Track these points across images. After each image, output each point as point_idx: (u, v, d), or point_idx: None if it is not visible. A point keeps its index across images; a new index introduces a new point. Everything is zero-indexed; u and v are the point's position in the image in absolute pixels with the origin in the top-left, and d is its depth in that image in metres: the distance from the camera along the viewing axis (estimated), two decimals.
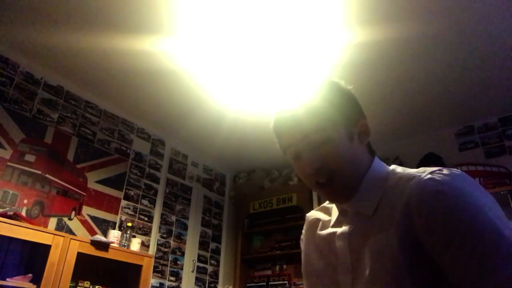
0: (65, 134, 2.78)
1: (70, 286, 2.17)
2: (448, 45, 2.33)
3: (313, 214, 0.91)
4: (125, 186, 3.09)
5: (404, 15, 2.11)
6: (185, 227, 3.51)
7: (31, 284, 2.05)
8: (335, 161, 0.72)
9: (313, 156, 0.72)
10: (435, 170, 0.66)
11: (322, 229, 0.83)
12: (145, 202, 3.22)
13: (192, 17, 2.19)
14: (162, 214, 3.33)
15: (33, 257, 2.26)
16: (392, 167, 0.77)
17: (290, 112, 0.76)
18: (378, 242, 0.67)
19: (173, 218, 3.43)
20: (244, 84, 2.77)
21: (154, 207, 3.28)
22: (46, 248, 2.13)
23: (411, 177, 0.68)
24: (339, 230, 0.76)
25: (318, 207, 0.91)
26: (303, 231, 0.91)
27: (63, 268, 2.14)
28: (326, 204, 0.89)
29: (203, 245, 3.66)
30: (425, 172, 0.67)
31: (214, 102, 2.99)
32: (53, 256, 2.12)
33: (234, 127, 3.32)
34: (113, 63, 2.61)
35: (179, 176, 3.64)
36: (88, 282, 2.37)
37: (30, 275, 2.08)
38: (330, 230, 0.79)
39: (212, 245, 3.77)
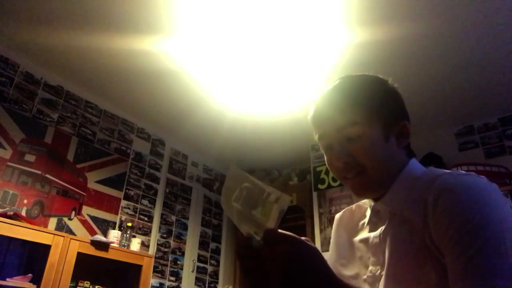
0: (65, 134, 2.78)
1: (70, 286, 2.17)
2: (448, 45, 2.33)
3: (346, 213, 0.90)
4: (125, 186, 3.09)
5: (404, 15, 2.11)
6: (185, 227, 3.51)
7: (31, 284, 2.05)
8: (365, 158, 0.70)
9: (343, 150, 0.71)
10: (468, 174, 0.65)
11: (358, 230, 0.82)
12: (145, 202, 3.22)
13: (192, 17, 2.19)
14: (162, 214, 3.33)
15: (33, 257, 2.26)
16: (428, 168, 0.74)
17: (327, 103, 0.75)
18: (397, 234, 0.68)
19: (173, 218, 3.43)
20: (244, 84, 2.77)
21: (154, 207, 3.28)
22: (46, 248, 2.13)
23: (438, 176, 0.66)
24: (373, 233, 0.75)
25: (353, 205, 0.89)
26: (333, 226, 0.91)
27: (63, 268, 2.14)
28: (361, 202, 0.87)
29: (203, 245, 3.66)
30: (454, 173, 0.66)
31: (214, 102, 2.99)
32: (53, 256, 2.12)
33: (234, 127, 3.32)
34: (113, 63, 2.61)
35: (179, 176, 3.64)
36: (88, 282, 2.37)
37: (30, 275, 2.08)
38: (366, 234, 0.78)
39: (212, 245, 3.77)
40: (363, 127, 0.70)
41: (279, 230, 0.61)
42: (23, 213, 2.36)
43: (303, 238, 0.62)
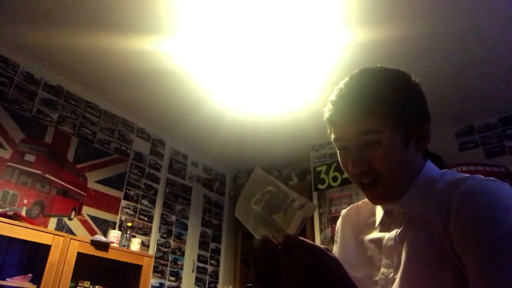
0: (65, 134, 2.78)
1: (70, 286, 2.17)
2: (448, 45, 2.33)
3: (352, 210, 0.87)
4: (125, 186, 3.09)
5: (404, 15, 2.11)
6: (185, 227, 3.51)
7: (31, 284, 2.05)
8: (383, 165, 0.68)
9: (360, 157, 0.68)
10: (492, 179, 0.64)
11: (366, 229, 0.80)
12: (145, 202, 3.22)
13: (192, 17, 2.19)
14: (162, 214, 3.33)
15: (33, 257, 2.26)
16: (444, 171, 0.73)
17: (347, 104, 0.70)
18: (416, 238, 0.66)
19: (173, 218, 3.43)
20: (244, 85, 2.77)
21: (154, 207, 3.28)
22: (46, 248, 2.13)
23: (461, 180, 0.65)
24: (387, 235, 0.73)
25: (360, 202, 0.86)
26: (338, 223, 0.89)
27: (63, 268, 2.14)
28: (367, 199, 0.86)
29: (203, 245, 3.66)
30: (478, 178, 0.64)
31: (214, 102, 2.99)
32: (53, 256, 2.12)
33: (234, 127, 3.32)
34: (113, 63, 2.61)
35: (179, 176, 3.64)
36: (88, 282, 2.37)
37: (30, 275, 2.09)
38: (378, 234, 0.76)
39: (212, 245, 3.77)
40: (384, 135, 0.67)
41: (300, 238, 0.59)
42: (23, 213, 2.36)
43: (323, 247, 0.60)
